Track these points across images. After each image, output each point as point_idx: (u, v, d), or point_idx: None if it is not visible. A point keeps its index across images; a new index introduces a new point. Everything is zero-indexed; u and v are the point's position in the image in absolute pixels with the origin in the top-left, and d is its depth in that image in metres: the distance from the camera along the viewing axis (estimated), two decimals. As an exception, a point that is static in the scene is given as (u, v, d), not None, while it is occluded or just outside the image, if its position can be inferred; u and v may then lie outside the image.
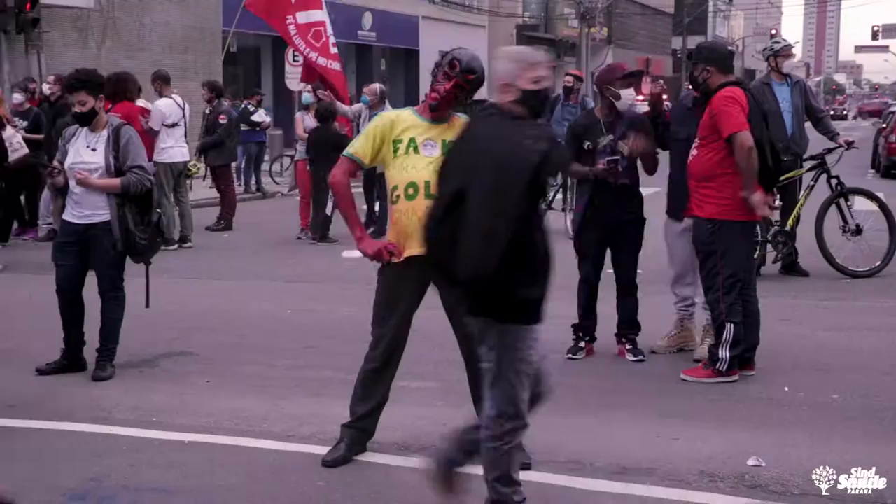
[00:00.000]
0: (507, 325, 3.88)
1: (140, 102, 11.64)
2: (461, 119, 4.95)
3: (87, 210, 6.45)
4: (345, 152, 5.01)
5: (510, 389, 3.92)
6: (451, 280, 3.87)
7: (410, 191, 4.78)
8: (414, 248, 4.80)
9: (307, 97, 13.63)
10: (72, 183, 6.50)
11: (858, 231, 10.09)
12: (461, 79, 4.79)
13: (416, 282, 4.90)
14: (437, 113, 4.86)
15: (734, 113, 6.09)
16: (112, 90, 10.96)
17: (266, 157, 20.93)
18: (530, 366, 3.95)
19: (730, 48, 7.42)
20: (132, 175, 6.38)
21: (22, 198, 13.34)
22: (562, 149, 4.02)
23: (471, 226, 3.69)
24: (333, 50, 15.23)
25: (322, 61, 14.62)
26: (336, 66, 14.98)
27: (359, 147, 4.96)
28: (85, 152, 6.45)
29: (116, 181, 6.36)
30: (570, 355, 6.93)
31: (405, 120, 4.92)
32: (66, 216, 6.56)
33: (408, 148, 4.83)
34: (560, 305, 7.16)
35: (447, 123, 4.87)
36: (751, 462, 4.91)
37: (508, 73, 3.98)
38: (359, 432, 5.04)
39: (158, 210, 6.71)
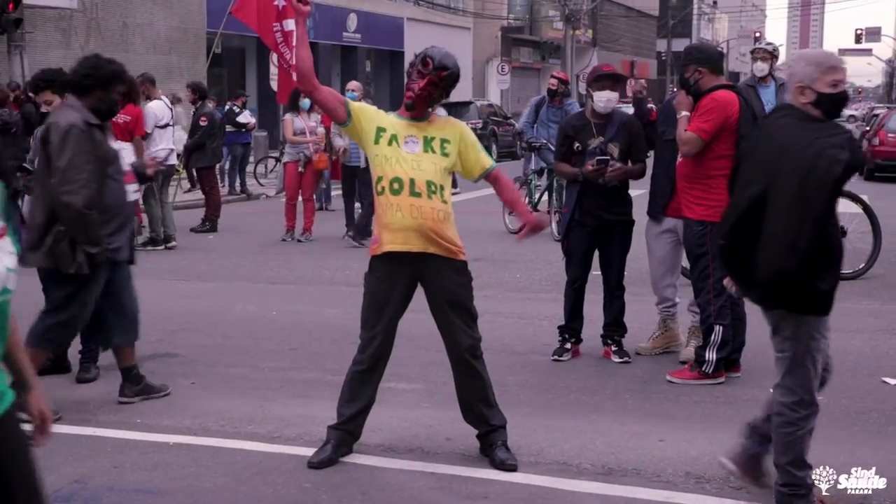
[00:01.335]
0: (805, 317, 4.03)
1: None
2: (441, 118, 4.97)
3: None
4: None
5: (806, 376, 4.10)
6: (752, 280, 4.00)
7: (395, 185, 4.79)
8: (397, 244, 4.79)
9: (305, 102, 13.50)
10: None
11: (843, 233, 10.09)
12: (435, 76, 4.82)
13: (403, 283, 4.90)
14: (415, 112, 4.89)
15: (710, 118, 6.08)
16: (126, 92, 10.91)
17: (251, 159, 20.89)
18: (823, 353, 4.11)
19: (718, 49, 7.39)
20: None
21: None
22: (860, 152, 4.13)
23: (774, 231, 3.82)
24: None
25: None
26: None
27: (355, 103, 5.04)
28: None
29: None
30: (555, 357, 6.91)
31: (389, 120, 4.97)
32: None
33: (390, 140, 4.86)
34: (547, 306, 7.13)
35: (426, 121, 4.91)
36: (737, 463, 4.91)
37: (807, 76, 4.02)
38: (345, 434, 5.03)
39: None
